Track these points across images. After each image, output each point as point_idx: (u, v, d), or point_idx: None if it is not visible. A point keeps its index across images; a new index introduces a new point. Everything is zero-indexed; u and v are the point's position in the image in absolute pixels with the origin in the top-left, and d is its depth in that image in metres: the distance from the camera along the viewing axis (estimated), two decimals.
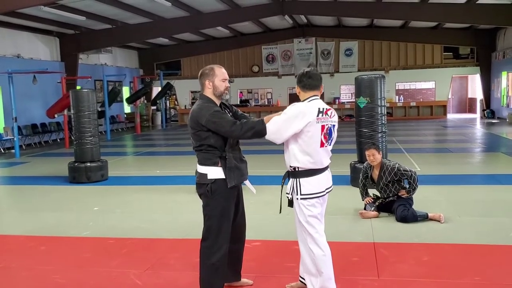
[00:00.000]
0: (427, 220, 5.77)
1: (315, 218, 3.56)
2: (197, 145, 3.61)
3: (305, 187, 3.52)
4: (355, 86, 7.99)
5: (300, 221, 3.60)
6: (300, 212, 3.57)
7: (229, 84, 3.75)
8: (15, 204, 8.05)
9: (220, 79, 3.62)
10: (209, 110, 3.51)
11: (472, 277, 4.10)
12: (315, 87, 3.61)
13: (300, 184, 3.53)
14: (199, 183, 3.63)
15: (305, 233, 3.59)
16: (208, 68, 3.68)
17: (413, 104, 24.76)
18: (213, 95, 3.62)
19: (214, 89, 3.61)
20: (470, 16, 18.09)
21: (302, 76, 3.64)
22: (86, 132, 9.38)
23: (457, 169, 9.56)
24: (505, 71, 21.19)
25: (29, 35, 17.91)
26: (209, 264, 3.58)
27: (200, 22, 19.51)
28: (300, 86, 3.63)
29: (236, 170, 3.58)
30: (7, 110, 14.73)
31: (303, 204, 3.54)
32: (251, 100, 27.13)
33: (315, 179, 3.54)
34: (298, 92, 3.66)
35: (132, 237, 5.59)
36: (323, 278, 3.56)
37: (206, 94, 3.64)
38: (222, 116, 3.51)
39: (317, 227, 3.57)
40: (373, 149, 6.00)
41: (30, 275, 4.49)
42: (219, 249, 3.58)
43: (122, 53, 24.56)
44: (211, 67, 3.68)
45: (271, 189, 8.01)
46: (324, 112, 3.51)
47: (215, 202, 3.57)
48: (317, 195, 3.55)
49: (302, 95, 3.63)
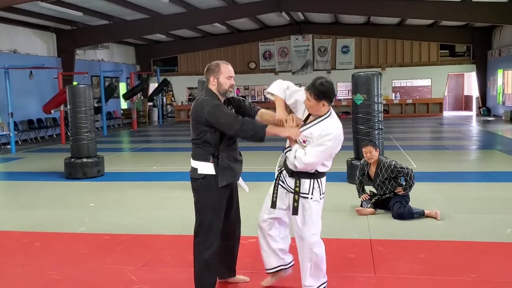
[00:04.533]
0: (424, 217, 5.78)
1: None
2: (193, 137, 3.59)
3: (323, 187, 3.59)
4: (352, 83, 7.98)
5: (312, 221, 3.56)
6: (317, 211, 3.57)
7: (234, 82, 3.67)
8: (10, 200, 8.02)
9: (226, 77, 3.56)
10: (211, 102, 3.49)
11: (468, 274, 4.10)
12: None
13: (321, 183, 3.56)
14: (192, 177, 3.61)
15: (315, 234, 3.56)
16: (214, 64, 3.63)
17: (410, 102, 24.79)
18: (217, 91, 3.58)
19: (218, 86, 3.57)
20: (466, 14, 18.15)
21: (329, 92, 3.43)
22: (82, 128, 9.34)
23: (453, 167, 9.58)
24: (501, 69, 21.24)
25: (26, 30, 17.83)
26: (201, 260, 3.57)
27: (197, 18, 19.48)
28: (327, 101, 3.43)
29: (228, 170, 3.55)
30: (3, 105, 14.67)
31: (321, 203, 3.59)
32: (247, 96, 27.09)
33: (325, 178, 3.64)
34: (322, 105, 3.42)
35: (128, 233, 5.57)
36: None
37: (211, 89, 3.62)
38: (223, 109, 3.50)
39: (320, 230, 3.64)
40: (370, 146, 6.00)
41: (25, 271, 4.47)
42: (210, 245, 3.56)
43: (119, 49, 24.48)
44: (217, 63, 3.62)
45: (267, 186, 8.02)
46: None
47: (205, 198, 3.55)
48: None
49: (325, 108, 3.46)
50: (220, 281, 3.89)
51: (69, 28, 19.16)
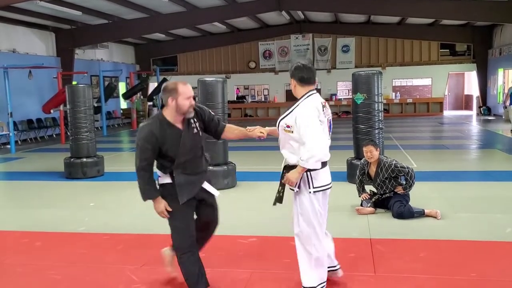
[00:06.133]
0: (424, 216, 5.78)
1: (319, 213, 3.54)
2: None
3: (316, 180, 3.48)
4: (352, 82, 7.96)
5: (304, 217, 3.51)
6: (311, 205, 3.49)
7: (194, 102, 3.55)
8: (10, 200, 8.02)
9: (184, 98, 3.45)
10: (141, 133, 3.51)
11: (468, 273, 4.10)
12: (313, 81, 3.54)
13: (312, 177, 3.47)
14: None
15: (308, 229, 3.52)
16: (172, 84, 3.52)
17: (410, 101, 24.78)
18: (176, 112, 3.49)
19: (177, 108, 3.47)
20: (467, 12, 18.12)
21: (298, 69, 3.51)
22: (82, 128, 9.33)
23: (453, 166, 9.57)
24: (501, 68, 21.23)
25: (25, 29, 17.81)
26: (183, 272, 3.66)
27: (196, 18, 19.46)
28: (297, 80, 3.51)
29: (185, 186, 3.57)
30: (3, 105, 14.66)
31: (315, 198, 3.50)
32: (247, 96, 27.08)
33: (324, 171, 3.52)
34: (294, 86, 3.54)
35: (127, 233, 5.57)
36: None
37: (164, 113, 3.54)
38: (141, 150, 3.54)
39: (318, 227, 3.53)
40: (370, 146, 5.99)
41: (25, 271, 4.47)
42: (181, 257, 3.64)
43: (118, 49, 24.46)
44: (175, 83, 3.51)
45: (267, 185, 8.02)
46: (324, 105, 3.52)
47: (171, 205, 3.59)
48: (326, 187, 3.55)
49: (298, 90, 3.52)
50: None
51: (68, 27, 19.13)
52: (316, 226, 3.52)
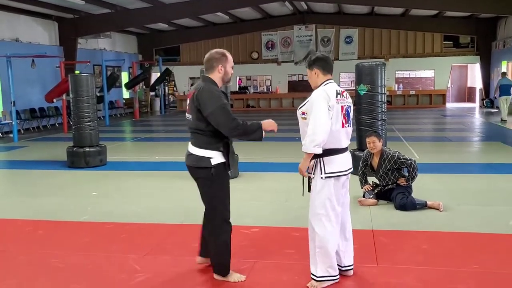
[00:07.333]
0: (426, 208, 5.78)
1: (332, 200, 3.59)
2: (199, 127, 3.59)
3: (329, 166, 3.56)
4: (356, 73, 7.94)
5: (317, 202, 3.60)
6: (322, 191, 3.58)
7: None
8: (13, 188, 8.04)
9: (231, 66, 3.70)
10: (218, 101, 3.48)
11: (471, 265, 4.10)
12: (331, 71, 3.70)
13: (323, 163, 3.56)
14: (198, 166, 3.61)
15: (320, 214, 3.59)
16: (221, 52, 3.69)
17: (413, 93, 24.69)
18: (221, 80, 3.64)
19: (224, 75, 3.64)
20: (471, 4, 18.00)
21: (320, 59, 3.67)
22: (84, 117, 9.34)
23: (456, 158, 9.57)
24: (505, 61, 21.12)
25: (28, 19, 17.76)
26: (220, 242, 3.70)
27: (199, 8, 19.37)
28: (319, 69, 3.64)
29: (232, 155, 3.66)
30: (6, 94, 14.66)
31: (327, 184, 3.57)
32: (250, 87, 27.02)
33: (338, 157, 3.60)
34: (315, 74, 3.66)
35: (130, 222, 5.58)
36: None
37: (214, 78, 3.63)
38: (225, 110, 3.50)
39: (331, 211, 3.59)
40: (373, 137, 5.99)
41: (28, 259, 4.48)
42: (226, 228, 3.70)
43: (121, 38, 24.40)
44: (223, 52, 3.70)
45: (269, 176, 8.03)
46: (340, 93, 3.61)
47: (219, 185, 3.63)
48: (342, 173, 3.61)
49: (319, 78, 3.65)
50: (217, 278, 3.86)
51: (71, 16, 19.08)
52: (330, 210, 3.59)
